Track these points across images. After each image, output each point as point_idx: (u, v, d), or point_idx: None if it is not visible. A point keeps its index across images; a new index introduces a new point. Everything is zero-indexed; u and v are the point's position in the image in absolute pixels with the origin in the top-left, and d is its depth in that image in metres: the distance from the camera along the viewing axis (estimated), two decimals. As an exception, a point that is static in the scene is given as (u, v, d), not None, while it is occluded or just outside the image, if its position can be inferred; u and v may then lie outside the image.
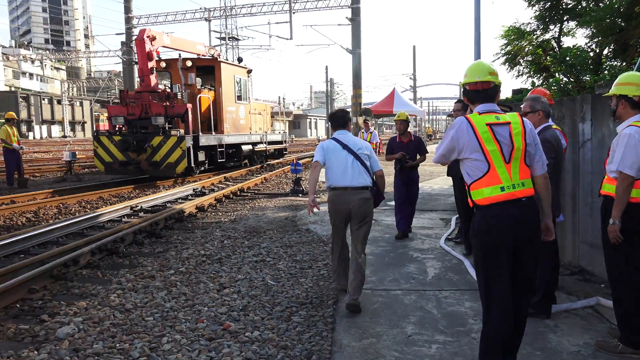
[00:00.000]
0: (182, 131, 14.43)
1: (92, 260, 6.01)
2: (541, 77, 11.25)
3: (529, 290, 3.08)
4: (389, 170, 8.25)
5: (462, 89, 3.25)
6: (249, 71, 19.10)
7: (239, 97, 18.08)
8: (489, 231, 2.92)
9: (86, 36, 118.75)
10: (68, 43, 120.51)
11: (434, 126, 76.34)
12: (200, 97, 15.77)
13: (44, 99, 73.29)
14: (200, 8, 32.88)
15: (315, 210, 4.56)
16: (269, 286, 5.17)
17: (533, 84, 11.46)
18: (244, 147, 18.31)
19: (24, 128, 66.61)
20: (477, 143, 2.94)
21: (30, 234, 7.02)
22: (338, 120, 4.84)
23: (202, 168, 15.89)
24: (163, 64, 16.80)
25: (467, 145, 2.97)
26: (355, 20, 24.84)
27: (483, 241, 2.95)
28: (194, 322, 4.20)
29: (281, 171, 17.89)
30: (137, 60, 15.18)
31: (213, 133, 15.97)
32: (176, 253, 6.52)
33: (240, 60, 19.08)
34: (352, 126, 9.94)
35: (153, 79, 14.83)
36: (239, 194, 12.21)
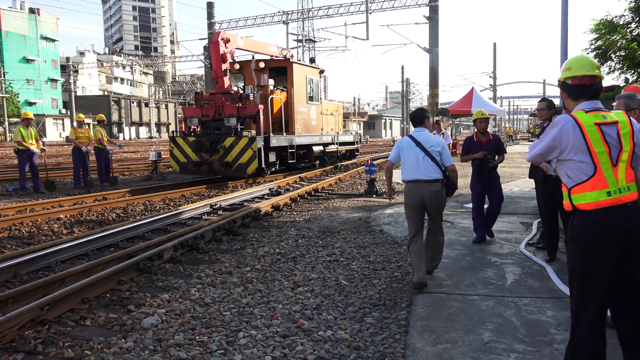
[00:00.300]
0: (253, 132, 14.55)
1: (174, 255, 6.31)
2: (635, 73, 10.49)
3: None
4: (466, 172, 8.01)
5: (560, 84, 2.99)
6: (321, 71, 18.89)
7: (311, 98, 17.93)
8: (591, 237, 2.74)
9: (172, 42, 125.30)
10: (155, 49, 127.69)
11: (515, 126, 73.21)
12: (272, 98, 15.75)
13: (133, 102, 78.19)
14: (279, 11, 33.64)
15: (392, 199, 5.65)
16: (342, 286, 5.19)
17: (626, 80, 10.71)
18: (315, 148, 18.08)
19: (115, 129, 71.26)
20: (583, 144, 2.74)
21: (119, 229, 7.49)
22: (416, 118, 5.37)
23: (273, 169, 15.92)
24: (237, 66, 16.94)
25: (572, 145, 2.77)
26: (433, 18, 24.40)
27: (583, 247, 2.77)
28: (269, 319, 4.29)
29: (355, 172, 17.89)
30: (211, 62, 15.30)
31: (284, 134, 15.89)
32: (252, 250, 6.70)
33: (312, 60, 19.07)
34: (430, 123, 9.86)
35: (226, 80, 14.97)
36: (313, 194, 12.35)
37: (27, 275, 5.63)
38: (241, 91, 15.44)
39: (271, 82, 17.19)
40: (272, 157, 15.28)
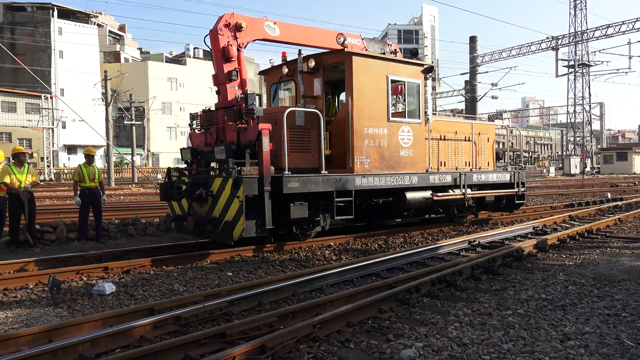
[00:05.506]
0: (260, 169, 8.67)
1: (432, 289, 6.33)
2: None
3: None
4: None
5: None
6: (427, 70, 11.43)
7: (399, 113, 11.02)
8: None
9: (433, 79, 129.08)
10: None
11: None
12: (288, 112, 9.04)
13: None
14: (547, 37, 31.69)
15: None
16: (625, 346, 4.44)
17: None
18: (411, 195, 10.90)
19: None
20: None
21: (380, 259, 7.90)
22: None
23: (317, 228, 9.76)
24: (285, 70, 11.15)
25: None
26: None
27: None
28: (533, 371, 3.93)
29: (641, 212, 15.32)
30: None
31: (323, 171, 9.40)
32: (514, 293, 6.28)
33: (414, 54, 12.06)
34: None
35: (231, 89, 9.52)
36: (586, 235, 10.99)
37: (303, 294, 6.36)
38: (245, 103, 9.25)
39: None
40: (300, 211, 9.00)
